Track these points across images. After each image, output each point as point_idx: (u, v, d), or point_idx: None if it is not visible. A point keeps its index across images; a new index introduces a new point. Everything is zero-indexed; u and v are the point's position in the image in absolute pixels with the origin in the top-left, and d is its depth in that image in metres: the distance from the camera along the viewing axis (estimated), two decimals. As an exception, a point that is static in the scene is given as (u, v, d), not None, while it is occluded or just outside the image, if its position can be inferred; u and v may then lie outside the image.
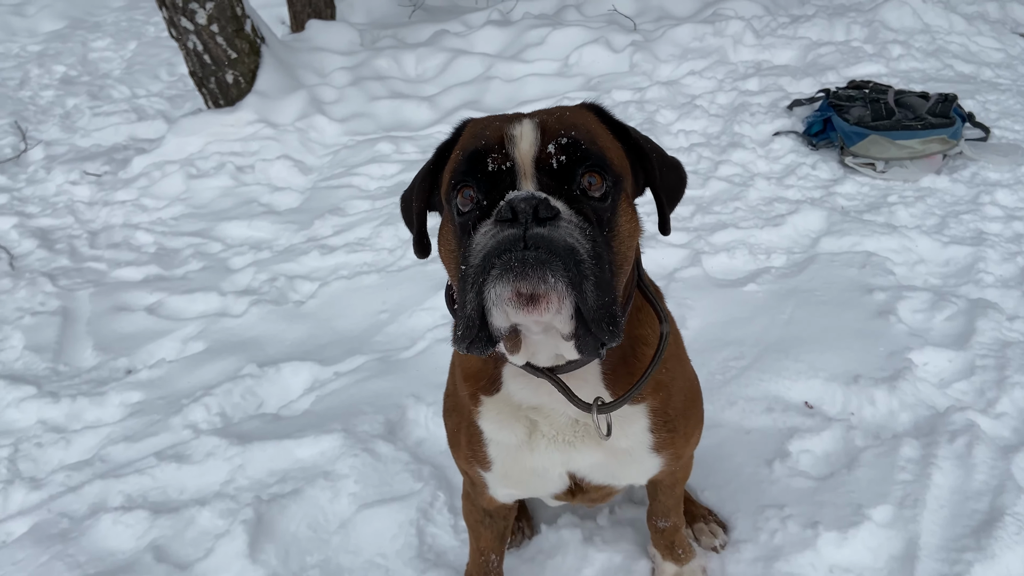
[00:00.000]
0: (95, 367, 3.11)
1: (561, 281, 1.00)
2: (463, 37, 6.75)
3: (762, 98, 5.08)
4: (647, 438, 1.41)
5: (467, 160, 1.13)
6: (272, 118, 5.30)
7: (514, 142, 1.12)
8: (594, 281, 1.03)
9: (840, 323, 2.82)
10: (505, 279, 1.00)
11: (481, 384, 1.40)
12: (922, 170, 3.89)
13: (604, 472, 1.47)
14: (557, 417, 1.37)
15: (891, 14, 6.42)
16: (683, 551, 1.91)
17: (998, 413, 2.35)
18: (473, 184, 1.12)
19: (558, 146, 1.11)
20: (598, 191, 1.12)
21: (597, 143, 1.15)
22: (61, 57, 8.03)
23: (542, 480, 1.47)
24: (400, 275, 3.54)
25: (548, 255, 0.99)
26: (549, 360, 1.25)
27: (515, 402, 1.37)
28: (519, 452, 1.42)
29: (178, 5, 4.93)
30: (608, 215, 1.12)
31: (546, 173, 1.11)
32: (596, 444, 1.39)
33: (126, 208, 4.55)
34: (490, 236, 1.03)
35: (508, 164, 1.11)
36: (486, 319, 1.04)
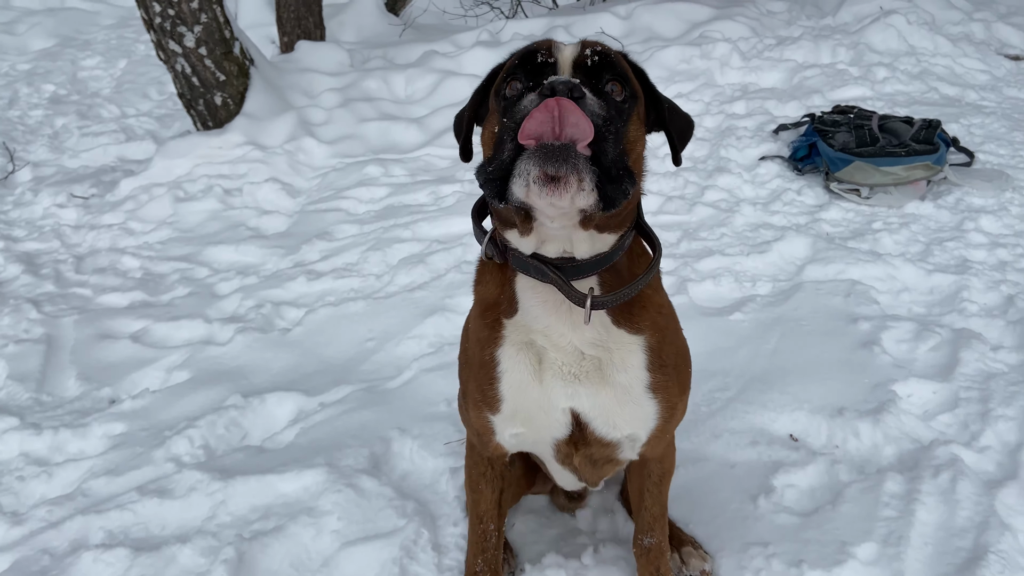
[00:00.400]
0: (78, 397, 3.08)
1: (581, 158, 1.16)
2: (452, 58, 6.78)
3: (748, 121, 5.12)
4: (644, 375, 1.53)
5: (519, 58, 1.37)
6: (261, 140, 5.30)
7: (559, 48, 1.36)
8: (611, 143, 1.21)
9: (825, 354, 2.83)
10: (535, 158, 1.16)
11: (501, 309, 1.54)
12: (906, 196, 3.92)
13: (605, 416, 1.54)
14: (564, 345, 1.49)
15: (876, 36, 6.50)
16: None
17: (982, 447, 2.37)
18: (521, 75, 1.34)
19: (593, 53, 1.34)
20: (619, 96, 1.33)
21: (622, 64, 1.38)
22: (51, 76, 8.03)
23: (547, 417, 1.56)
24: (387, 302, 3.54)
25: None
26: (557, 252, 1.41)
27: (527, 323, 1.51)
28: (528, 385, 1.53)
29: (166, 28, 4.93)
30: (625, 116, 1.33)
31: (581, 71, 1.32)
32: (600, 381, 1.51)
33: (113, 232, 4.54)
34: (531, 102, 1.23)
35: (552, 60, 1.33)
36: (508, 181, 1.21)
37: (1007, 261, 3.43)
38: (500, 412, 1.58)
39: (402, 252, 3.99)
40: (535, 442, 1.67)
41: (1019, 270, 3.35)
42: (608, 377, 1.51)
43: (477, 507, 1.85)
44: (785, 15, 7.63)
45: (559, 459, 1.70)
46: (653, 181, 4.44)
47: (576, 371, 1.50)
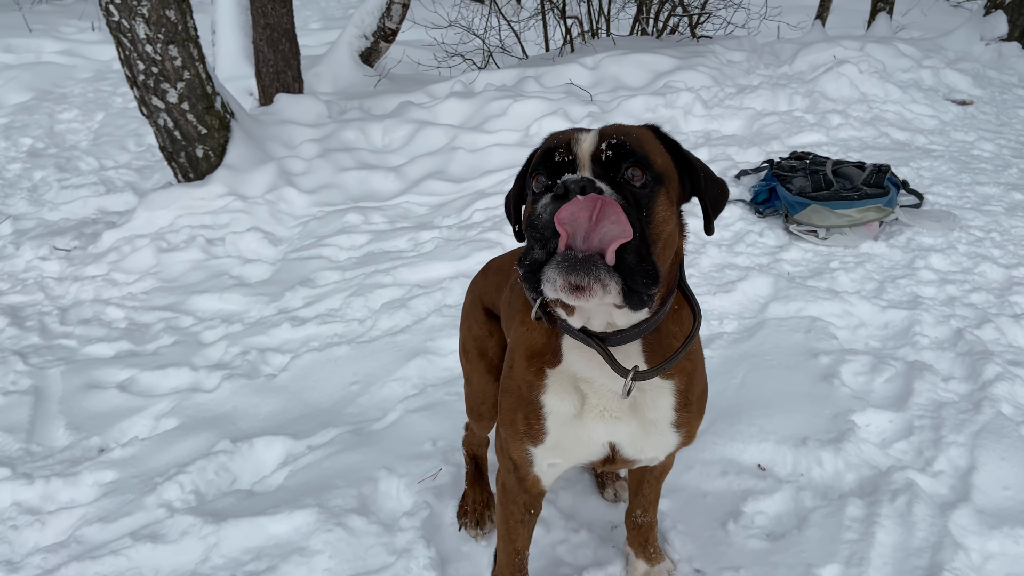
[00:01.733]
0: (68, 447, 3.14)
1: (601, 270, 1.22)
2: (428, 108, 6.99)
3: (712, 167, 5.35)
4: (671, 415, 1.67)
5: (542, 155, 1.44)
6: (242, 191, 5.43)
7: (578, 142, 1.40)
8: (630, 249, 1.25)
9: (788, 387, 2.99)
10: (559, 270, 1.24)
11: (545, 358, 1.66)
12: (861, 237, 4.15)
13: (635, 444, 1.69)
14: (604, 392, 1.62)
15: (830, 84, 6.84)
16: (654, 551, 2.19)
17: (935, 472, 2.52)
18: (544, 172, 1.42)
19: (609, 145, 1.38)
20: (638, 182, 1.36)
21: (643, 147, 1.40)
22: (28, 129, 8.10)
23: (587, 448, 1.70)
24: (371, 346, 3.65)
25: None
26: (602, 326, 1.51)
27: (572, 373, 1.63)
28: (571, 422, 1.66)
29: (149, 85, 5.08)
30: (647, 202, 1.36)
31: (599, 164, 1.37)
32: (632, 416, 1.65)
33: (96, 283, 4.61)
34: (546, 205, 1.29)
35: (570, 157, 1.39)
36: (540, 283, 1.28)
37: (956, 296, 3.64)
38: (543, 444, 1.70)
39: (384, 297, 4.12)
40: (567, 467, 1.81)
41: (967, 305, 3.56)
42: (641, 414, 1.65)
43: (514, 543, 1.98)
44: (744, 64, 7.99)
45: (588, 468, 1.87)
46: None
47: (616, 412, 1.64)
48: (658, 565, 2.21)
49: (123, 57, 5.07)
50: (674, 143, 1.53)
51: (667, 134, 1.54)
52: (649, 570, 2.19)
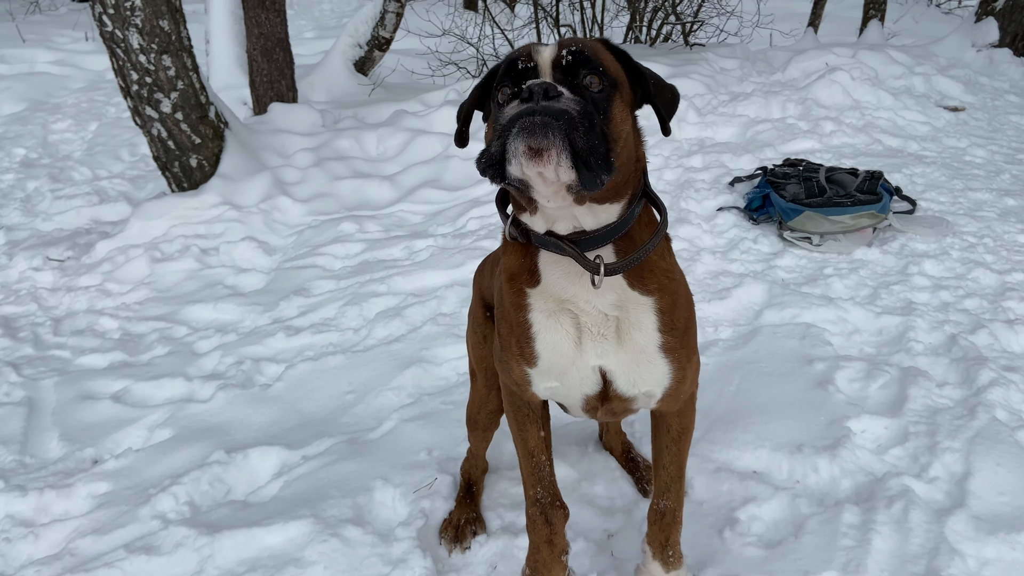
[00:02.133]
0: (62, 458, 3.12)
1: (558, 135, 1.33)
2: (422, 117, 7.00)
3: (706, 175, 5.38)
4: (657, 337, 1.69)
5: (506, 66, 1.53)
6: (236, 200, 5.42)
7: (539, 52, 1.50)
8: (583, 132, 1.35)
9: (784, 393, 2.99)
10: (520, 136, 1.34)
11: (523, 278, 1.72)
12: (854, 243, 4.16)
13: (626, 374, 1.72)
14: (589, 309, 1.66)
15: (822, 92, 6.87)
16: (673, 554, 2.02)
17: (931, 478, 2.52)
18: (509, 82, 1.49)
19: (568, 52, 1.47)
20: (596, 88, 1.46)
21: (598, 56, 1.50)
22: (21, 140, 8.08)
23: (579, 374, 1.73)
24: (366, 355, 3.64)
25: (549, 118, 1.33)
26: (567, 229, 1.58)
27: (553, 291, 1.68)
28: (565, 344, 1.70)
29: (143, 95, 5.08)
30: (604, 105, 1.46)
31: (559, 70, 1.47)
32: (619, 340, 1.68)
33: (90, 294, 4.59)
34: (513, 107, 1.40)
35: (532, 64, 1.48)
36: (505, 165, 1.38)
37: (949, 302, 3.65)
38: (537, 367, 1.76)
39: (379, 306, 4.11)
40: (566, 396, 1.84)
41: (960, 310, 3.57)
42: (625, 335, 1.68)
43: (527, 444, 1.99)
44: (737, 72, 8.02)
45: (585, 410, 1.88)
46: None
47: (603, 331, 1.68)
48: (674, 572, 2.03)
49: (116, 67, 5.06)
50: (624, 54, 1.61)
51: (617, 46, 1.63)
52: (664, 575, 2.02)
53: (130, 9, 4.81)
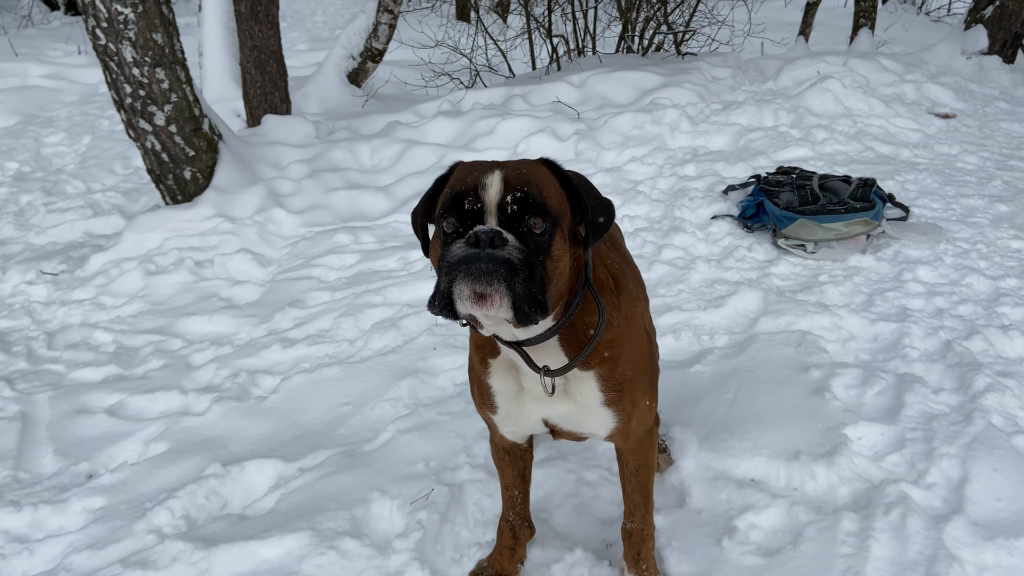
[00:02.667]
0: (56, 473, 3.10)
1: (501, 283, 1.47)
2: (416, 128, 7.02)
3: (699, 183, 5.40)
4: (598, 396, 1.88)
5: (452, 199, 1.59)
6: (230, 212, 5.41)
7: (485, 189, 1.56)
8: (523, 280, 1.50)
9: (780, 401, 3.00)
10: (466, 280, 1.47)
11: (487, 351, 1.95)
12: (848, 250, 4.18)
13: (571, 421, 1.95)
14: (535, 379, 1.85)
15: (814, 100, 6.91)
16: (648, 567, 2.20)
17: (928, 484, 2.53)
18: (454, 216, 1.58)
19: (514, 197, 1.55)
20: (539, 229, 1.57)
21: (543, 194, 1.59)
22: (14, 153, 8.06)
23: (528, 422, 1.99)
24: (361, 366, 3.63)
25: (494, 267, 1.47)
26: (509, 336, 1.76)
27: (509, 361, 1.90)
28: (514, 400, 1.95)
29: (136, 108, 5.07)
30: (545, 244, 1.58)
31: (504, 214, 1.55)
32: (564, 399, 1.89)
33: (84, 307, 4.57)
34: (461, 250, 1.50)
35: (479, 205, 1.56)
36: (452, 303, 1.51)
37: (943, 308, 3.66)
38: (497, 415, 2.02)
39: (374, 317, 4.11)
40: (524, 436, 2.11)
41: (955, 316, 3.59)
42: (572, 397, 1.89)
43: (504, 480, 2.30)
44: (729, 81, 8.06)
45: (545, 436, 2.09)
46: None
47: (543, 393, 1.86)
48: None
49: (110, 80, 5.06)
50: (567, 178, 1.71)
51: (561, 168, 1.72)
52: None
53: (123, 22, 4.81)
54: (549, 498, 2.62)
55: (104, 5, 4.75)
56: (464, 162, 1.73)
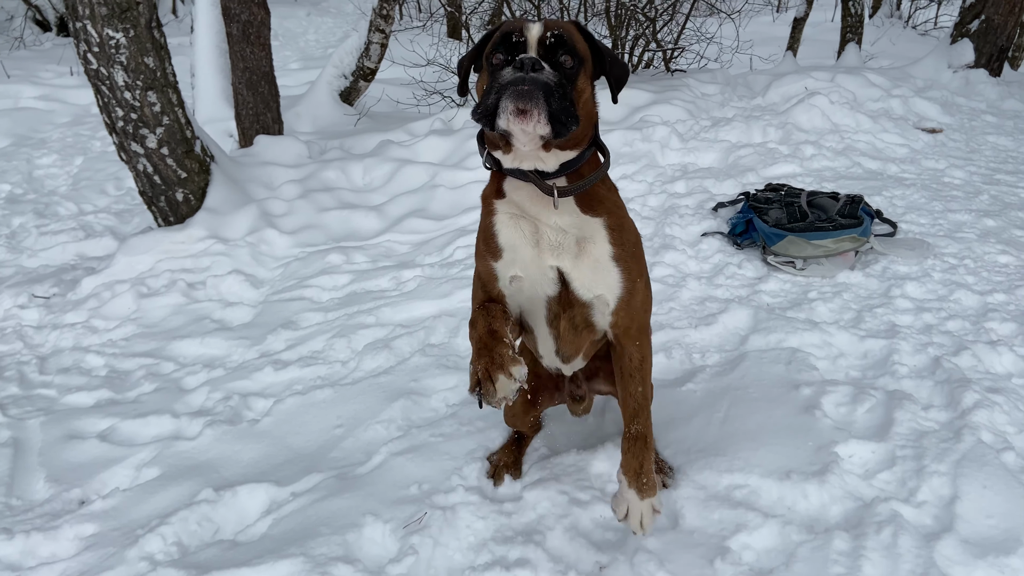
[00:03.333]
0: (48, 499, 3.09)
1: (541, 101, 1.78)
2: (408, 147, 7.05)
3: (689, 200, 5.43)
4: (608, 248, 2.09)
5: (501, 36, 1.95)
6: (223, 233, 5.42)
7: (529, 29, 1.92)
8: (557, 98, 1.81)
9: (771, 419, 3.01)
10: (511, 98, 1.79)
11: (492, 195, 2.16)
12: (837, 267, 4.21)
13: (582, 278, 2.10)
14: (550, 224, 2.07)
15: (802, 116, 6.97)
16: (647, 482, 2.21)
17: (919, 502, 2.54)
18: (503, 50, 1.93)
19: (552, 35, 1.91)
20: (569, 64, 1.90)
21: (572, 39, 1.94)
22: (6, 176, 8.06)
23: (539, 271, 2.11)
24: (354, 388, 3.63)
25: (534, 87, 1.79)
26: (530, 166, 2.01)
27: (517, 204, 2.10)
28: (524, 243, 2.10)
29: (128, 131, 5.09)
30: (573, 76, 1.91)
31: (543, 47, 1.90)
32: (578, 251, 2.08)
33: (76, 331, 4.57)
34: (508, 73, 1.83)
35: (522, 39, 1.91)
36: (495, 116, 1.82)
37: (932, 324, 3.69)
38: (501, 259, 2.15)
39: (367, 338, 4.11)
40: (530, 297, 2.19)
41: (944, 332, 3.61)
42: (583, 248, 2.08)
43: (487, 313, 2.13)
44: (719, 97, 8.13)
45: (549, 320, 2.23)
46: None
47: (560, 242, 2.08)
48: (648, 499, 2.20)
49: (102, 104, 5.08)
50: (591, 37, 2.05)
51: (586, 30, 2.07)
52: (639, 501, 2.19)
53: (115, 47, 4.83)
54: (542, 520, 2.62)
55: (95, 30, 4.77)
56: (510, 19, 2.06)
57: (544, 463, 2.94)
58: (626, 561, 2.42)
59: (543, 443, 3.05)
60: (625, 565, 2.40)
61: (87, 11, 4.72)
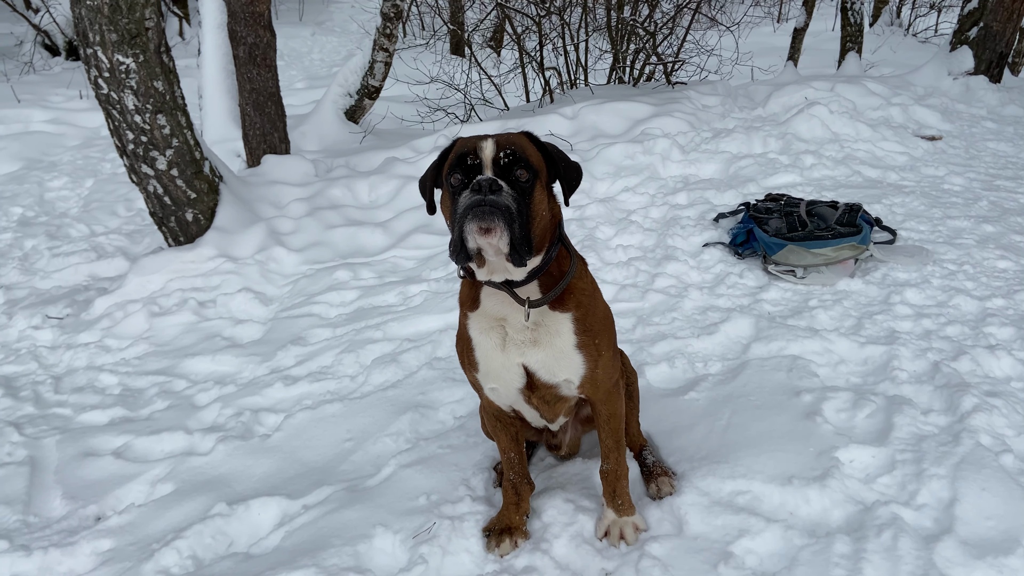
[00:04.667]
0: (65, 516, 3.15)
1: (501, 220, 1.91)
2: (412, 163, 7.15)
3: (691, 211, 5.50)
4: (572, 339, 2.25)
5: (457, 158, 2.05)
6: (232, 252, 5.51)
7: (482, 149, 2.02)
8: (519, 223, 1.95)
9: (773, 426, 3.05)
10: (473, 220, 1.90)
11: (467, 304, 2.32)
12: (837, 275, 4.26)
13: (546, 367, 2.27)
14: (516, 325, 2.23)
15: (802, 126, 7.03)
16: (623, 503, 2.57)
17: (919, 505, 2.58)
18: (460, 172, 2.03)
19: (504, 153, 2.01)
20: (524, 178, 2.02)
21: (525, 152, 2.05)
22: (18, 199, 8.19)
23: (508, 373, 2.29)
24: (363, 402, 3.70)
25: (495, 208, 1.90)
26: (501, 278, 2.13)
27: (488, 313, 2.26)
28: (493, 351, 2.28)
29: (139, 154, 5.20)
30: (529, 190, 2.02)
31: (497, 167, 2.00)
32: (541, 346, 2.24)
33: (89, 350, 4.65)
34: (467, 198, 1.93)
35: (477, 161, 2.01)
36: (464, 244, 1.96)
37: (931, 330, 3.73)
38: (479, 371, 2.35)
39: (375, 352, 4.18)
40: (507, 394, 2.38)
41: (943, 338, 3.66)
42: (546, 342, 2.24)
43: (501, 444, 2.64)
44: (719, 108, 8.21)
45: (525, 400, 2.40)
46: (607, 271, 4.76)
47: (525, 339, 2.24)
48: (625, 517, 2.57)
49: (112, 127, 5.19)
50: (543, 146, 2.18)
51: (538, 139, 2.20)
52: (616, 519, 2.56)
53: (125, 72, 4.95)
54: (548, 528, 2.67)
55: (106, 55, 4.89)
56: (463, 136, 2.16)
57: (550, 472, 2.99)
58: (631, 567, 2.46)
59: (547, 452, 3.11)
60: (631, 571, 2.45)
61: (98, 38, 4.84)
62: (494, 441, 2.76)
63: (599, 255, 4.98)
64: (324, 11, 22.17)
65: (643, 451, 2.93)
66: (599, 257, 4.96)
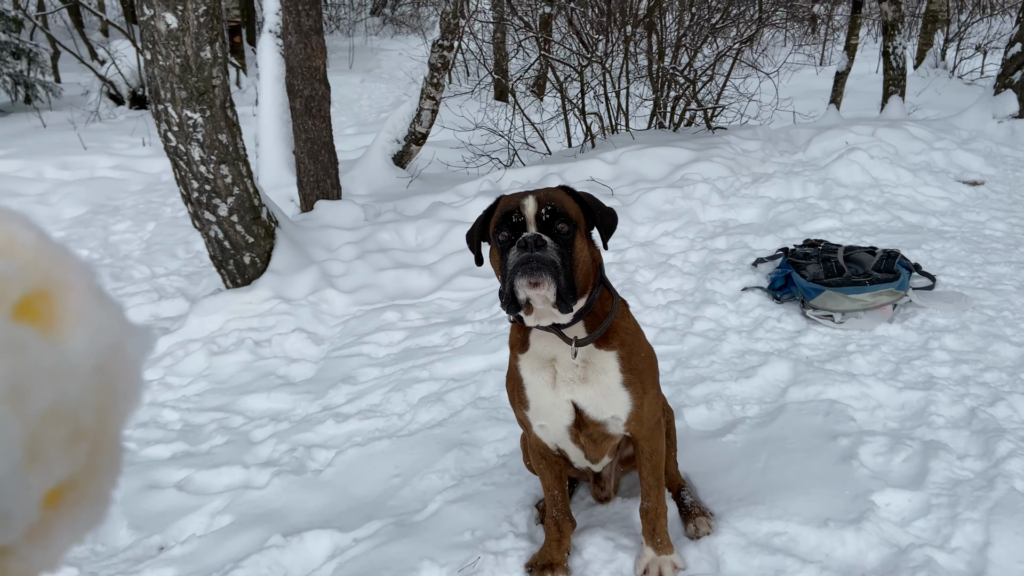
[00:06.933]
0: (130, 546, 3.35)
1: (548, 274, 2.06)
2: (458, 208, 7.39)
3: (730, 255, 5.60)
4: (618, 376, 2.37)
5: (502, 216, 2.21)
6: (286, 294, 5.77)
7: (525, 207, 2.18)
8: (564, 274, 2.10)
9: (809, 469, 3.12)
10: (523, 275, 2.07)
11: (518, 347, 2.47)
12: (875, 320, 4.31)
13: (594, 404, 2.38)
14: (565, 364, 2.36)
15: (842, 171, 7.10)
16: (662, 541, 2.64)
17: (953, 548, 2.62)
18: (506, 229, 2.19)
19: (545, 210, 2.17)
20: (565, 231, 2.17)
21: (564, 206, 2.19)
22: (84, 241, 8.65)
23: (558, 410, 2.41)
24: (411, 439, 3.86)
25: (541, 263, 2.06)
26: (548, 322, 2.29)
27: (539, 354, 2.40)
28: (544, 389, 2.40)
29: (202, 201, 5.52)
30: (570, 241, 2.17)
31: (540, 222, 2.16)
32: (589, 383, 2.36)
33: (152, 387, 4.91)
34: (515, 255, 2.10)
35: (521, 218, 2.17)
36: (515, 296, 2.12)
37: (969, 376, 3.76)
38: (530, 409, 2.46)
39: (421, 391, 4.35)
40: (555, 431, 2.49)
41: (980, 384, 3.68)
42: (594, 379, 2.36)
43: (545, 481, 2.74)
44: (759, 153, 8.32)
45: (572, 439, 2.51)
46: (647, 314, 4.88)
47: (574, 377, 2.36)
48: (664, 555, 2.63)
49: (179, 177, 5.53)
50: (579, 196, 2.34)
51: (574, 191, 2.36)
52: (655, 557, 2.63)
53: (192, 126, 5.29)
54: (588, 565, 2.77)
55: (175, 111, 5.24)
56: (505, 195, 2.34)
57: (591, 510, 3.10)
58: (668, 603, 2.55)
59: (587, 491, 3.21)
60: (667, 607, 2.54)
61: (169, 95, 5.20)
62: (536, 475, 2.87)
63: (639, 298, 5.11)
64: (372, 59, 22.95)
65: (681, 491, 3.02)
66: (639, 300, 5.08)
